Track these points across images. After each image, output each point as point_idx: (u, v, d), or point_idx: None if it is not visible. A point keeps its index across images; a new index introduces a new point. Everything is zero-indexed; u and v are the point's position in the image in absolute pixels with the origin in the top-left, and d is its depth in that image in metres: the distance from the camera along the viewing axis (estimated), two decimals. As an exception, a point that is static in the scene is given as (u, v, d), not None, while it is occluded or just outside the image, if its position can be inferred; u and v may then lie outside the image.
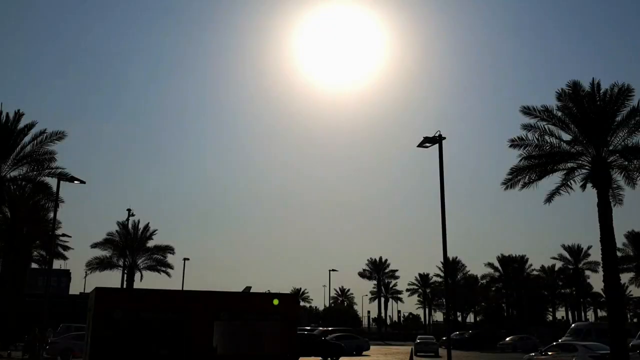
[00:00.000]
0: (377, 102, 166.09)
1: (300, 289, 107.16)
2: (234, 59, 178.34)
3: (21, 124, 25.24)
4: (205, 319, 16.52)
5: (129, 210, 45.74)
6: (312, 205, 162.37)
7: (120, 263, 47.42)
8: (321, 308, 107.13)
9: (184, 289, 24.93)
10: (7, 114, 24.85)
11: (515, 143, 21.26)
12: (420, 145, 22.35)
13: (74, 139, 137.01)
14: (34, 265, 58.73)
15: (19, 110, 25.03)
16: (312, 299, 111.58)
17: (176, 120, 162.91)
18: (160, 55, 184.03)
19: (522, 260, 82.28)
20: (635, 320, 72.96)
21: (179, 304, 16.55)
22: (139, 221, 49.74)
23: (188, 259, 56.85)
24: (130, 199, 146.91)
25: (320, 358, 31.50)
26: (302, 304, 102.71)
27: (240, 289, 45.50)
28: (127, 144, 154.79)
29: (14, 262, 34.76)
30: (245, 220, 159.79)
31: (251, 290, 51.40)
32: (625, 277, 65.55)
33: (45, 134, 24.98)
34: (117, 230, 48.16)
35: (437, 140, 22.18)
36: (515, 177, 21.47)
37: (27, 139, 24.97)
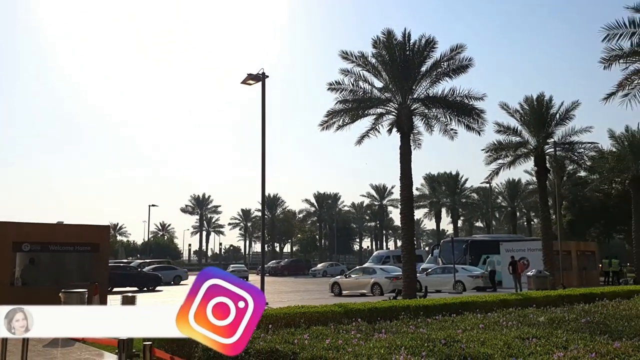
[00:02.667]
0: (203, 34, 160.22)
1: (118, 223, 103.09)
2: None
3: None
4: (4, 249, 15.39)
5: None
6: (136, 140, 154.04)
7: None
8: (140, 243, 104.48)
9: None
10: None
11: (332, 87, 22.26)
12: (244, 82, 22.42)
13: None
14: None
15: None
16: (130, 234, 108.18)
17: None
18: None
19: (335, 197, 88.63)
20: (426, 248, 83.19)
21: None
22: None
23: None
24: None
25: (136, 288, 31.16)
26: (119, 238, 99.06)
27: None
28: None
29: None
30: (58, 151, 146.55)
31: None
32: (420, 213, 73.94)
33: None
34: None
35: (261, 78, 22.42)
36: (331, 120, 22.57)
37: None
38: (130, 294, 10.39)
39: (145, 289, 31.99)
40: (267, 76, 22.26)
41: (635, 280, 32.84)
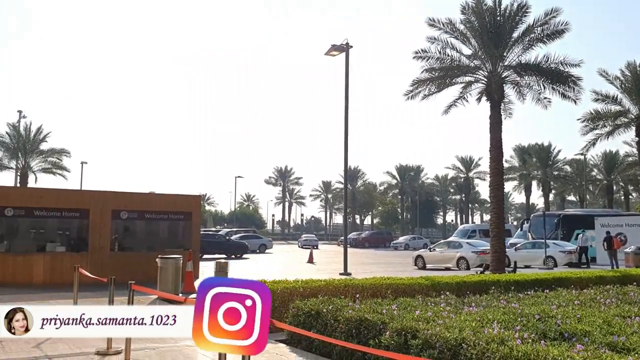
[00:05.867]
0: (286, 6, 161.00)
1: (206, 194, 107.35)
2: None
3: None
4: (105, 217, 16.38)
5: (19, 111, 44.50)
6: (218, 111, 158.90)
7: (13, 165, 45.21)
8: (227, 213, 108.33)
9: (82, 191, 24.58)
10: None
11: (418, 55, 21.64)
12: (328, 53, 22.33)
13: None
14: None
15: None
16: (217, 204, 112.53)
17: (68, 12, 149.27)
18: None
19: (418, 169, 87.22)
20: (515, 222, 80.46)
21: (76, 203, 16.23)
22: (31, 123, 47.64)
23: (86, 163, 54.90)
24: (20, 98, 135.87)
25: (224, 256, 32.39)
26: (207, 208, 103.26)
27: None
28: (11, 38, 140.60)
29: None
30: (150, 125, 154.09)
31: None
32: (509, 186, 71.44)
33: None
34: (7, 132, 45.80)
35: (345, 48, 22.24)
36: (416, 89, 22.01)
37: None
38: (222, 261, 10.74)
39: (232, 256, 33.13)
40: (351, 46, 22.09)
41: None
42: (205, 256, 28.82)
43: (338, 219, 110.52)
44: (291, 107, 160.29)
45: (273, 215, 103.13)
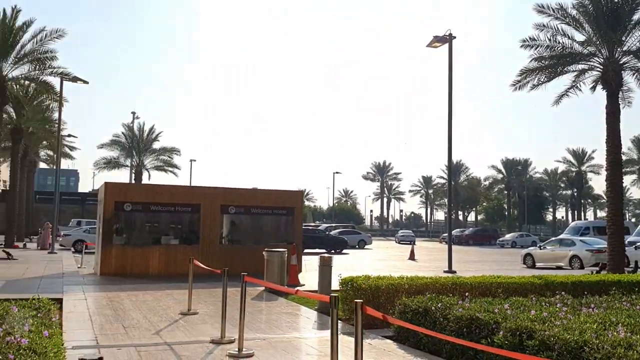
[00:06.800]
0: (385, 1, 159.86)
1: (305, 189, 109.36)
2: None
3: (19, 21, 24.51)
4: (214, 212, 17.15)
5: (133, 113, 47.24)
6: (316, 108, 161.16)
7: (128, 163, 48.51)
8: (325, 208, 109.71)
9: (192, 187, 25.99)
10: (4, 10, 24.09)
11: (526, 43, 20.62)
12: (430, 45, 21.83)
13: (73, 39, 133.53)
14: (42, 166, 59.68)
15: (15, 6, 24.27)
16: (316, 199, 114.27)
17: (177, 20, 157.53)
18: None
19: (525, 163, 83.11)
20: (633, 219, 74.72)
21: (189, 198, 17.11)
22: (144, 123, 51.04)
23: (195, 160, 57.85)
24: (134, 100, 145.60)
25: (324, 250, 32.78)
26: (306, 203, 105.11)
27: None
28: (127, 44, 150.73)
29: (22, 161, 35.38)
30: (251, 123, 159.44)
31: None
32: (627, 180, 66.31)
33: (45, 32, 24.33)
34: (122, 132, 49.21)
35: (447, 39, 21.64)
36: (525, 79, 21.03)
37: (26, 36, 24.34)
38: (326, 255, 10.84)
39: (332, 251, 33.44)
40: (455, 37, 21.47)
41: None
42: (305, 250, 29.35)
43: (439, 215, 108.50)
44: (390, 101, 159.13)
45: (371, 211, 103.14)
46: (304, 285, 13.69)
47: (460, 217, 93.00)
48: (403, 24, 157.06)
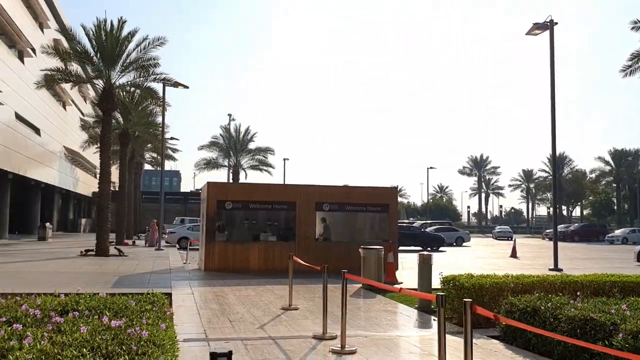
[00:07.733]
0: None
1: (397, 185, 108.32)
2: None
3: (124, 32, 26.02)
4: (309, 209, 17.38)
5: (229, 115, 49.37)
6: (410, 103, 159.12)
7: (225, 163, 50.49)
8: (419, 205, 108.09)
9: (287, 185, 26.60)
10: (112, 22, 25.66)
11: (637, 25, 19.19)
12: (530, 32, 20.83)
13: (171, 46, 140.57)
14: (147, 167, 63.49)
15: (121, 18, 25.76)
16: (409, 196, 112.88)
17: (268, 24, 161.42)
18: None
19: (636, 154, 77.34)
20: None
21: (285, 196, 17.46)
22: (240, 125, 52.85)
23: (288, 159, 59.12)
24: (230, 103, 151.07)
25: (420, 248, 32.22)
26: (400, 199, 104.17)
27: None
28: (223, 49, 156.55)
29: (130, 164, 37.80)
30: (343, 121, 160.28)
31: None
32: None
33: (147, 40, 25.62)
34: (220, 134, 51.29)
35: (548, 26, 20.55)
36: (636, 63, 19.58)
37: (131, 46, 25.75)
38: (425, 253, 10.65)
39: (428, 248, 32.80)
40: (556, 23, 20.37)
41: None
42: (400, 247, 28.98)
43: (541, 210, 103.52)
44: (485, 93, 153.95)
45: (468, 207, 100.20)
46: (402, 283, 13.54)
47: (565, 212, 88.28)
48: (494, 10, 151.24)
